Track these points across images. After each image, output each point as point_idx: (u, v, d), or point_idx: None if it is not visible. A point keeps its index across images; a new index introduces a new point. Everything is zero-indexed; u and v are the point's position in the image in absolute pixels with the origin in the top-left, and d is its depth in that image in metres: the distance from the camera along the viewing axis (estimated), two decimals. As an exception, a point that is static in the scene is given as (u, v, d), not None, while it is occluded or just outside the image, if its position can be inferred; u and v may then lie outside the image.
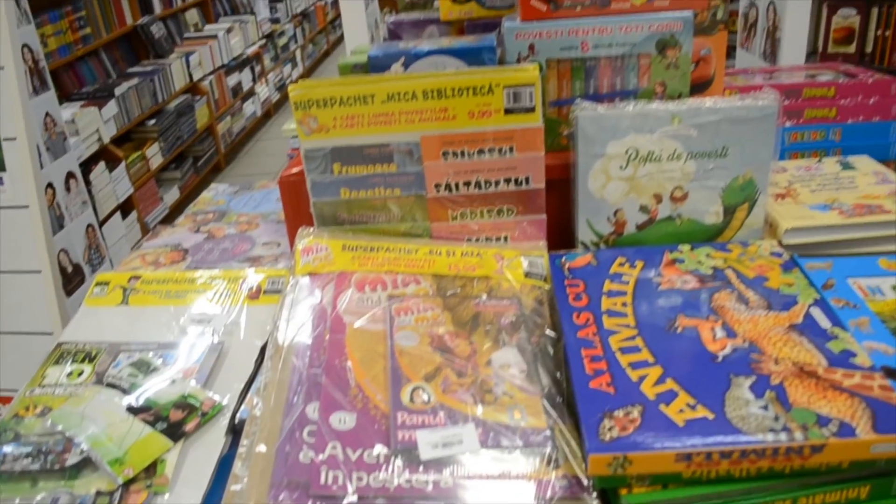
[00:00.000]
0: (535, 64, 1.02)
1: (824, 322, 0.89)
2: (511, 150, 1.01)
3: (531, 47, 1.06)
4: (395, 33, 1.30)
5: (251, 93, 6.65)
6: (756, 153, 1.05)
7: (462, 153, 1.01)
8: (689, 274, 0.99)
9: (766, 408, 0.75)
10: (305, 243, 1.02)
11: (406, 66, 1.07)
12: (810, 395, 0.78)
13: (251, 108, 6.61)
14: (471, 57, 1.07)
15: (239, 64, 6.34)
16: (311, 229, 1.05)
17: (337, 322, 0.89)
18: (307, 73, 8.61)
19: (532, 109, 0.98)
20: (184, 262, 1.30)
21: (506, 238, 1.08)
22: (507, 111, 0.98)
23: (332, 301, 0.92)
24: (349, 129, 0.99)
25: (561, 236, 1.13)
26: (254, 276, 1.13)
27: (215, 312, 1.07)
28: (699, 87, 1.22)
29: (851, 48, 2.99)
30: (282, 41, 7.71)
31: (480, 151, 1.01)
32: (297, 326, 0.89)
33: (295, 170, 1.12)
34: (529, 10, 1.05)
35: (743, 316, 0.90)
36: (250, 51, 6.68)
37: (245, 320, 1.05)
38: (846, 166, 1.29)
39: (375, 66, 1.08)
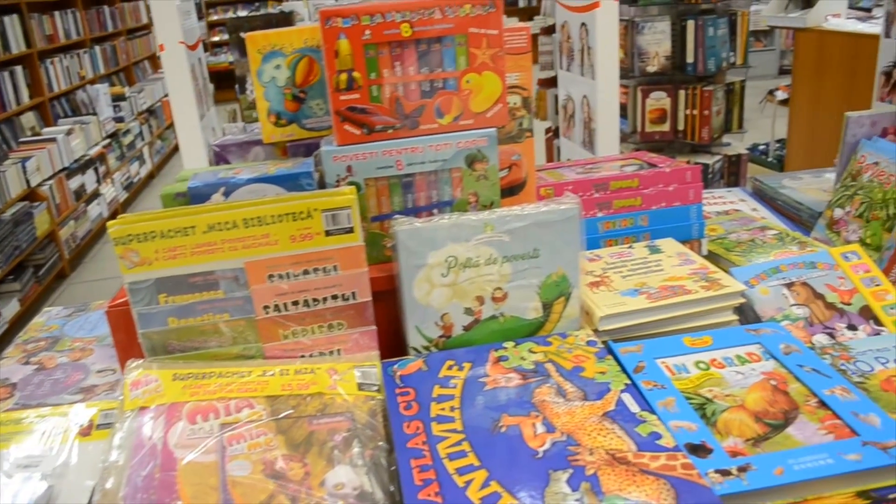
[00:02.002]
0: (352, 186, 1.07)
1: (634, 407, 0.96)
2: (335, 268, 1.05)
3: (349, 168, 1.12)
4: (220, 156, 1.33)
5: (96, 194, 6.45)
6: (564, 252, 1.14)
7: (287, 275, 1.04)
8: (512, 371, 1.05)
9: (581, 500, 0.81)
10: (134, 376, 1.01)
11: (227, 195, 1.10)
12: (621, 482, 0.84)
13: (97, 209, 6.40)
14: (289, 183, 1.12)
15: (81, 166, 6.16)
16: (140, 361, 1.05)
17: (167, 458, 0.89)
18: (157, 170, 8.44)
19: (351, 230, 1.03)
20: (11, 399, 1.26)
21: (339, 351, 1.11)
22: (328, 233, 1.03)
23: (163, 436, 0.92)
24: (172, 261, 1.01)
25: (395, 344, 1.17)
26: (85, 411, 1.10)
27: (43, 454, 1.03)
28: (514, 189, 1.32)
29: (666, 126, 3.26)
30: (127, 139, 7.55)
31: (305, 272, 1.04)
32: (125, 467, 0.88)
33: (122, 299, 1.12)
34: (345, 136, 1.11)
35: (561, 409, 0.97)
36: (93, 151, 6.50)
37: (76, 460, 1.02)
38: (654, 250, 1.41)
39: (196, 196, 1.10)
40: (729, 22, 3.28)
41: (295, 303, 1.06)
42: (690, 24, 3.17)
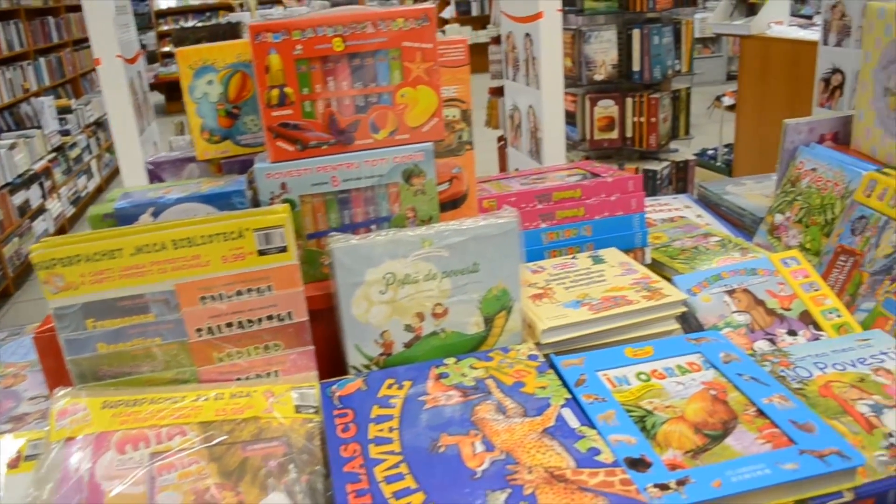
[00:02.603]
0: (284, 205, 1.05)
1: (573, 421, 0.96)
2: (269, 288, 1.03)
3: (283, 185, 1.10)
4: (155, 174, 1.30)
5: (41, 210, 6.31)
6: (504, 265, 1.13)
7: (220, 296, 1.02)
8: (453, 388, 1.04)
9: (518, 521, 0.80)
10: (62, 405, 0.98)
11: (156, 215, 1.07)
12: (559, 501, 0.83)
13: (42, 225, 6.26)
14: (221, 202, 1.09)
15: (25, 181, 6.01)
16: (69, 389, 1.01)
17: (94, 491, 0.86)
18: (105, 184, 8.29)
19: (285, 249, 1.01)
20: (-61, 432, 1.21)
21: (277, 372, 1.08)
22: (261, 252, 1.01)
23: (90, 467, 0.89)
24: (99, 284, 0.98)
25: (335, 363, 1.15)
26: (13, 442, 1.06)
27: (-31, 489, 0.99)
28: (455, 202, 1.31)
29: (614, 134, 3.29)
30: (74, 153, 7.40)
31: (239, 293, 1.02)
32: (50, 503, 0.85)
33: (51, 324, 1.08)
34: (278, 152, 1.09)
35: (501, 426, 0.95)
36: (38, 166, 6.35)
37: (3, 493, 0.98)
38: (597, 260, 1.41)
39: (123, 218, 1.07)
40: (674, 30, 3.32)
41: (229, 324, 1.04)
42: (636, 32, 3.20)
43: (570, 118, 3.37)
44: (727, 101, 5.37)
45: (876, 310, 1.33)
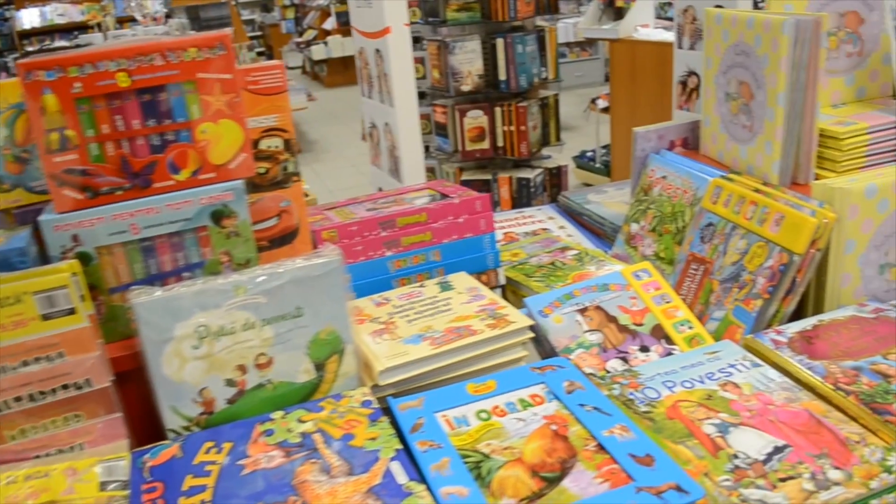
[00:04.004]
0: (72, 261, 0.95)
1: (401, 477, 0.89)
2: (60, 355, 0.92)
3: (75, 237, 0.99)
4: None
5: None
6: (330, 307, 1.05)
7: (3, 369, 0.90)
8: (276, 448, 0.95)
9: None
10: None
11: (-82, 282, 0.95)
12: (381, 572, 0.76)
13: None
14: (-3, 263, 0.98)
15: None
16: None
17: None
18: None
19: (72, 311, 0.90)
20: None
21: (82, 445, 0.97)
22: (45, 317, 0.90)
23: None
24: None
25: (156, 426, 1.04)
26: None
27: None
28: (286, 238, 1.22)
29: (485, 144, 3.26)
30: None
31: (25, 363, 0.91)
32: None
33: None
34: (64, 201, 0.98)
35: (323, 489, 0.87)
36: None
37: None
38: (445, 287, 1.35)
39: None
40: (537, 38, 3.33)
41: (17, 399, 0.92)
42: (500, 42, 3.19)
43: (442, 130, 3.33)
44: (602, 103, 5.46)
45: (726, 318, 1.31)
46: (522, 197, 3.28)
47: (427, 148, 3.79)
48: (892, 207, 1.27)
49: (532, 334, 1.20)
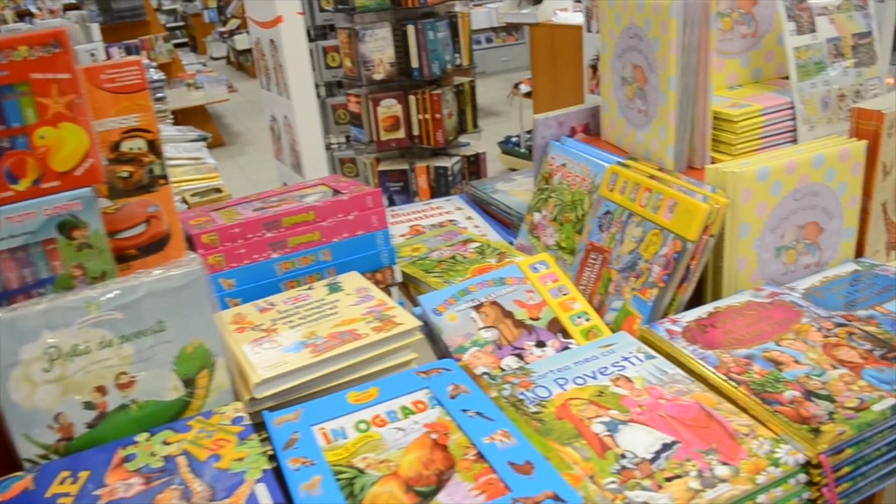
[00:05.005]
0: None
1: (266, 500, 0.83)
2: None
3: None
4: None
5: None
6: (196, 319, 0.98)
7: None
8: (136, 475, 0.89)
9: None
10: None
11: None
12: None
13: None
14: None
15: None
16: None
17: None
18: None
19: None
20: None
21: (-79, 483, 0.89)
22: None
23: None
24: None
25: (10, 457, 0.96)
26: None
27: None
28: (157, 244, 1.14)
29: (401, 133, 3.19)
30: None
31: None
32: None
33: None
34: None
35: (182, 519, 0.81)
36: None
37: None
38: (334, 288, 1.29)
39: None
40: (450, 24, 3.27)
41: None
42: (410, 28, 3.12)
43: (357, 120, 3.25)
44: (524, 88, 5.44)
45: (624, 308, 1.29)
46: (441, 186, 3.23)
47: (347, 138, 3.72)
48: (786, 190, 1.25)
49: (420, 335, 1.15)
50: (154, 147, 1.11)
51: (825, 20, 1.48)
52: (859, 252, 1.39)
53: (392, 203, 3.28)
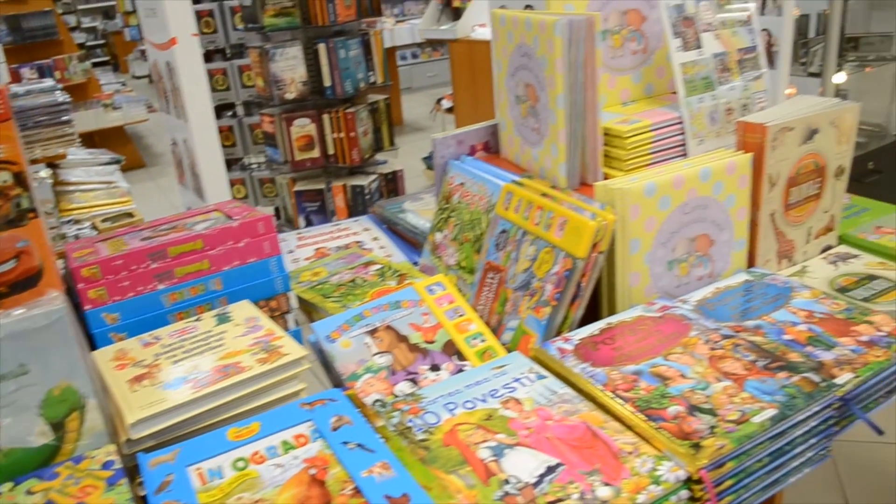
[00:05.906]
0: None
1: (130, 551, 0.79)
2: None
3: None
4: None
5: None
6: (62, 360, 0.94)
7: None
8: (-7, 530, 0.84)
9: None
10: None
11: None
12: None
13: None
14: None
15: None
16: None
17: None
18: None
19: None
20: None
21: None
22: None
23: None
24: None
25: None
26: None
27: None
28: (30, 281, 1.10)
29: (315, 152, 3.16)
30: None
31: None
32: None
33: None
34: None
35: (36, 576, 0.77)
36: None
37: None
38: (223, 319, 1.25)
39: None
40: (362, 42, 3.25)
41: None
42: (321, 47, 3.09)
43: (272, 140, 3.20)
44: (446, 103, 5.46)
45: (520, 328, 1.28)
46: (358, 205, 3.21)
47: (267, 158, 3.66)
48: (675, 204, 1.27)
49: (308, 365, 1.12)
50: (20, 179, 1.06)
51: (710, 36, 1.51)
52: (751, 262, 1.42)
53: (309, 223, 3.23)
